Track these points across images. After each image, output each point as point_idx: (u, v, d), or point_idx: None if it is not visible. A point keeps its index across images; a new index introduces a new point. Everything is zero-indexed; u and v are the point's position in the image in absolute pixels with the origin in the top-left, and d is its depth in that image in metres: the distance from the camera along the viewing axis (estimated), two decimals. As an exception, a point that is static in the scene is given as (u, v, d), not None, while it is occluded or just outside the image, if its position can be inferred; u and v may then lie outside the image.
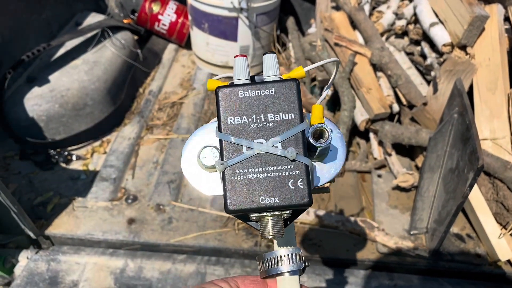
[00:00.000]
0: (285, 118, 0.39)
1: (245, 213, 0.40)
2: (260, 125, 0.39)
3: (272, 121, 0.39)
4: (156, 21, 2.12)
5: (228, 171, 0.39)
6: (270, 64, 0.41)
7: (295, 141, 0.39)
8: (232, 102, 0.39)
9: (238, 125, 0.39)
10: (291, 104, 0.39)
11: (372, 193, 1.49)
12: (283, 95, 0.39)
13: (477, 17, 1.37)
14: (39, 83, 1.59)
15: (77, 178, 1.50)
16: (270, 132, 0.39)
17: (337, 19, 1.79)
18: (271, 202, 0.39)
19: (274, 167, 0.39)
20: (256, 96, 0.39)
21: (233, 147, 0.39)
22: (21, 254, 1.30)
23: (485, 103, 1.41)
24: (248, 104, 0.39)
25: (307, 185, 0.39)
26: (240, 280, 0.44)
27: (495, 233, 1.28)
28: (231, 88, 0.39)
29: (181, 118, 1.78)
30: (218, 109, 0.39)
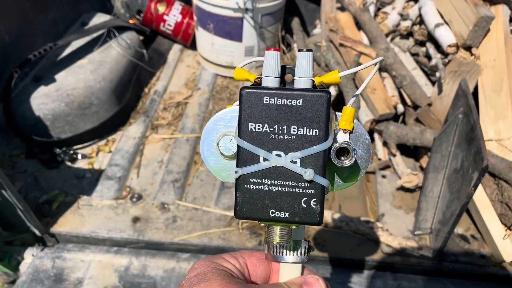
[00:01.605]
0: (309, 133, 0.37)
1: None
2: (281, 137, 0.37)
3: (295, 135, 0.37)
4: (161, 21, 2.13)
5: (242, 178, 0.38)
6: (304, 63, 0.38)
7: (315, 159, 0.37)
8: (256, 107, 0.37)
9: (258, 132, 0.37)
10: (318, 119, 0.37)
11: (377, 193, 1.49)
12: (311, 108, 0.37)
13: (483, 18, 1.37)
14: (46, 82, 1.60)
15: (83, 176, 1.51)
16: (291, 145, 0.37)
17: (342, 20, 1.79)
18: (280, 217, 0.39)
19: (289, 182, 0.38)
20: (282, 105, 0.37)
21: (250, 155, 0.38)
22: (27, 252, 1.31)
23: (490, 104, 1.41)
24: (272, 112, 0.37)
25: (320, 206, 0.38)
26: (247, 256, 0.45)
27: (499, 234, 1.28)
28: (256, 92, 0.37)
29: (186, 118, 1.79)
30: (240, 112, 0.37)
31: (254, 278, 0.44)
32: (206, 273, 0.40)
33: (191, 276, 0.40)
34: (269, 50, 0.38)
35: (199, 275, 0.40)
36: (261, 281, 0.45)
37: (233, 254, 0.44)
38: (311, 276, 0.43)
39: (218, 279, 0.39)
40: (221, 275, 0.39)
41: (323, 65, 1.73)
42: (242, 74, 0.40)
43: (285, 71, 0.40)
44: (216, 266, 0.41)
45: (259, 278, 0.45)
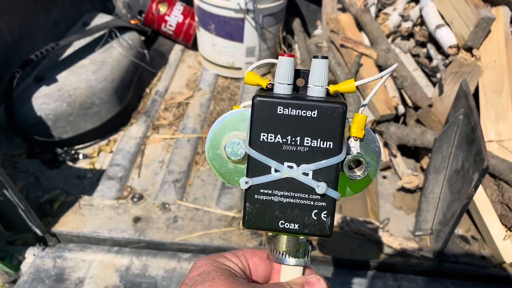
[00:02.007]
0: (323, 146, 0.36)
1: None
2: (293, 148, 0.36)
3: (308, 146, 0.36)
4: (163, 22, 2.13)
5: (252, 189, 0.37)
6: (319, 71, 0.36)
7: (328, 172, 0.36)
8: (269, 117, 0.36)
9: (270, 143, 0.36)
10: (332, 132, 0.36)
11: (377, 194, 1.49)
12: (326, 120, 0.35)
13: (483, 19, 1.37)
14: (47, 82, 1.61)
15: (84, 176, 1.51)
16: (303, 157, 0.36)
17: (343, 21, 1.79)
18: (290, 228, 0.38)
19: (300, 194, 0.37)
20: (296, 116, 0.35)
21: (260, 165, 0.37)
22: (28, 251, 1.31)
23: (491, 105, 1.41)
24: (285, 123, 0.36)
25: (331, 219, 0.38)
26: (249, 255, 0.45)
27: (500, 235, 1.28)
28: (270, 101, 0.35)
29: (187, 118, 1.80)
30: (252, 120, 0.36)
31: (256, 277, 0.45)
32: (210, 272, 0.40)
33: (194, 275, 0.40)
34: (283, 55, 0.36)
35: (203, 274, 0.40)
36: (262, 280, 0.45)
37: (235, 252, 0.44)
38: (312, 276, 0.43)
39: (222, 278, 0.39)
40: (224, 275, 0.39)
41: (324, 66, 1.73)
42: (253, 78, 0.38)
43: (298, 74, 0.38)
44: (219, 265, 0.41)
45: (260, 276, 0.45)
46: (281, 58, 0.36)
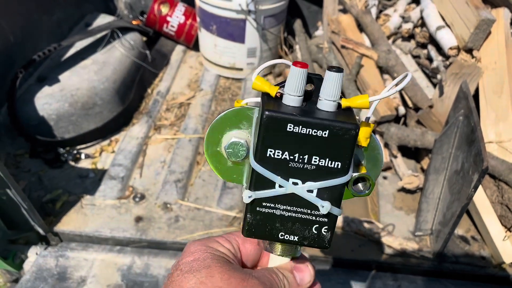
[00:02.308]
0: (330, 165, 0.35)
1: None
2: (300, 166, 0.35)
3: (315, 165, 0.35)
4: (164, 22, 2.14)
5: (254, 201, 0.37)
6: (333, 85, 0.34)
7: (332, 191, 0.36)
8: (278, 133, 0.34)
9: (277, 159, 0.35)
10: (342, 153, 0.35)
11: (378, 194, 1.49)
12: (337, 140, 0.34)
13: (484, 21, 1.37)
14: (50, 82, 1.62)
15: (86, 176, 1.52)
16: (309, 175, 0.35)
17: (344, 22, 1.80)
18: (289, 239, 0.38)
19: (303, 209, 0.37)
20: (306, 135, 0.34)
21: (265, 180, 0.36)
22: (30, 250, 1.32)
23: (491, 106, 1.42)
24: (295, 140, 0.34)
25: (331, 233, 0.38)
26: (240, 240, 0.45)
27: (499, 235, 1.28)
28: (280, 117, 0.34)
29: (188, 119, 1.80)
30: (260, 134, 0.35)
31: (246, 260, 0.45)
32: (205, 259, 0.40)
33: (189, 260, 0.41)
34: (296, 65, 0.34)
35: (198, 261, 0.40)
36: (251, 263, 0.46)
37: (227, 237, 0.45)
38: (300, 261, 0.44)
39: (217, 265, 0.39)
40: (220, 262, 0.40)
41: (325, 66, 1.74)
42: (261, 85, 0.36)
43: (308, 79, 0.37)
44: (214, 252, 0.42)
45: (250, 260, 0.46)
46: (294, 69, 0.34)
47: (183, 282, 0.39)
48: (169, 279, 0.41)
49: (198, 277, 0.38)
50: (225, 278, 0.38)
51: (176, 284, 0.39)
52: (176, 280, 0.39)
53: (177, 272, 0.40)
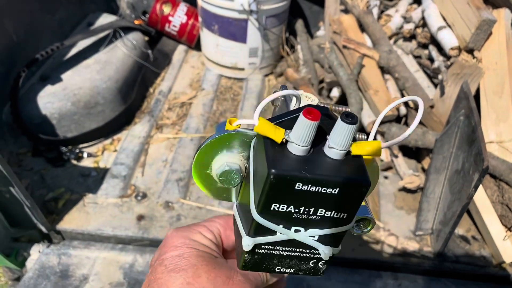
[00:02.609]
0: (336, 216, 0.34)
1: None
2: (305, 217, 0.34)
3: (321, 216, 0.34)
4: (166, 22, 2.15)
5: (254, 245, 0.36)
6: (344, 136, 0.32)
7: (335, 239, 0.35)
8: (284, 190, 0.32)
9: (281, 212, 0.33)
10: (350, 206, 0.33)
11: (378, 194, 1.50)
12: (346, 196, 0.33)
13: (485, 21, 1.38)
14: (52, 81, 1.63)
15: (88, 175, 1.53)
16: (313, 223, 0.34)
17: (345, 22, 1.81)
18: (285, 271, 0.38)
19: (302, 249, 0.36)
20: (314, 192, 0.32)
21: (266, 228, 0.34)
22: (33, 248, 1.33)
23: (492, 106, 1.42)
24: (302, 196, 0.32)
25: (327, 266, 0.37)
26: (222, 228, 0.45)
27: (500, 235, 1.29)
28: (288, 176, 0.31)
29: (190, 118, 1.81)
30: (264, 191, 0.32)
31: (226, 246, 0.46)
32: (190, 257, 0.40)
33: (174, 255, 0.40)
34: (307, 116, 0.31)
35: (183, 258, 0.40)
36: (233, 247, 0.46)
37: (208, 226, 0.44)
38: None
39: (203, 264, 0.39)
40: (206, 260, 0.40)
41: (326, 66, 1.75)
42: (267, 128, 0.33)
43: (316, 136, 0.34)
44: (198, 247, 0.41)
45: (230, 246, 0.46)
46: (304, 120, 0.31)
47: (169, 281, 0.39)
48: (154, 274, 0.40)
49: (184, 277, 0.38)
50: (212, 277, 0.39)
51: (161, 282, 0.39)
52: (162, 278, 0.39)
53: (161, 268, 0.40)
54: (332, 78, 1.70)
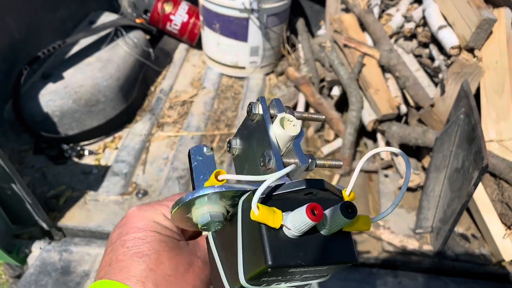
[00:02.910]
0: (317, 274, 0.35)
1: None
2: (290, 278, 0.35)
3: (304, 277, 0.35)
4: (168, 21, 2.15)
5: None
6: (340, 223, 0.32)
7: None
8: (278, 273, 0.33)
9: (270, 280, 0.34)
10: (332, 271, 0.35)
11: (379, 192, 1.50)
12: (333, 269, 0.34)
13: (485, 20, 1.38)
14: (54, 79, 1.63)
15: (89, 172, 1.54)
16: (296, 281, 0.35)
17: (346, 21, 1.81)
18: None
19: None
20: (306, 270, 0.33)
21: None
22: (34, 245, 1.33)
23: (492, 105, 1.43)
24: (293, 273, 0.33)
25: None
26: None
27: (499, 233, 1.29)
28: (284, 265, 0.32)
29: (191, 116, 1.82)
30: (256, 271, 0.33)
31: None
32: (153, 241, 0.40)
33: (136, 237, 0.40)
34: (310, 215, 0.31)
35: (145, 242, 0.40)
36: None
37: (170, 205, 0.42)
38: None
39: (166, 251, 0.40)
40: (168, 246, 0.40)
41: (327, 65, 1.75)
42: (264, 216, 0.32)
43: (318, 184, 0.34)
44: (160, 230, 0.41)
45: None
46: (306, 219, 0.31)
47: (131, 266, 0.39)
48: (115, 254, 0.40)
49: (147, 262, 0.39)
50: (173, 264, 0.39)
51: (123, 265, 0.39)
52: (124, 260, 0.39)
53: (123, 250, 0.40)
54: (333, 77, 1.71)
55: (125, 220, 0.42)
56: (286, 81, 2.04)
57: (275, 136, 0.37)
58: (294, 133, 0.36)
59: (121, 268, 0.38)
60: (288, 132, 0.36)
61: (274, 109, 0.38)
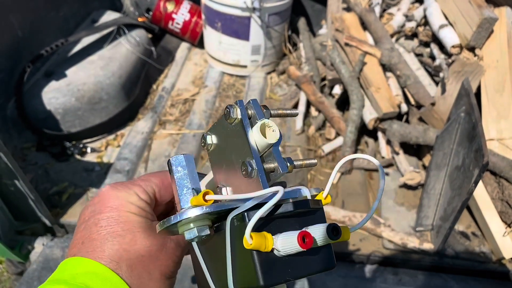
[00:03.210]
0: None
1: None
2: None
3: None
4: (170, 20, 2.16)
5: None
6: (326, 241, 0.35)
7: None
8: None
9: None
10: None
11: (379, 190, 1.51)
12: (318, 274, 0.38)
13: (486, 19, 1.39)
14: (57, 77, 1.64)
15: (92, 169, 1.54)
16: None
17: (348, 20, 1.82)
18: None
19: None
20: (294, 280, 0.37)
21: None
22: (37, 241, 1.34)
23: (493, 104, 1.44)
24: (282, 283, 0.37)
25: None
26: (157, 187, 0.45)
27: (500, 231, 1.30)
28: (275, 283, 0.34)
29: (193, 114, 1.82)
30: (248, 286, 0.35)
31: (159, 203, 0.46)
32: (127, 222, 0.40)
33: (109, 217, 0.40)
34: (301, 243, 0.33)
35: (119, 222, 0.40)
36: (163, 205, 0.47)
37: (144, 186, 0.44)
38: None
39: (139, 231, 0.40)
40: (142, 226, 0.40)
41: (328, 64, 1.76)
42: (257, 243, 0.33)
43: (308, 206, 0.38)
44: (134, 211, 0.41)
45: (163, 202, 0.46)
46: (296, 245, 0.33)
47: (105, 245, 0.39)
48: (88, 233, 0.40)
49: (121, 243, 0.39)
50: (147, 245, 0.40)
51: (97, 244, 0.39)
52: (97, 239, 0.39)
53: (96, 228, 0.40)
54: (334, 76, 1.71)
55: (99, 199, 0.42)
56: (287, 79, 2.05)
57: (255, 143, 0.37)
58: (274, 140, 0.37)
59: (94, 247, 0.39)
60: (268, 140, 0.37)
61: (251, 110, 0.38)
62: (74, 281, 0.36)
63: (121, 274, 0.38)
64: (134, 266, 0.39)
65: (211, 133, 0.42)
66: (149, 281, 0.40)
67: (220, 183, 0.41)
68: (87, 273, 0.37)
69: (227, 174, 0.40)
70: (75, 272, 0.38)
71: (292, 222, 0.37)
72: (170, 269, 0.42)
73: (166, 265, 0.41)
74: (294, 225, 0.37)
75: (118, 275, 0.38)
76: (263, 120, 0.37)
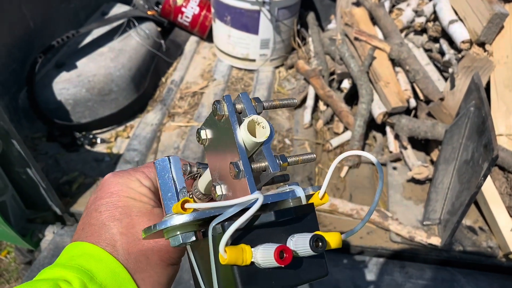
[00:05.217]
0: None
1: None
2: None
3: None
4: (179, 13, 2.17)
5: None
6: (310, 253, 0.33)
7: None
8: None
9: None
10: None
11: (387, 184, 1.52)
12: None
13: (497, 15, 1.39)
14: (67, 68, 1.66)
15: (101, 160, 1.56)
16: None
17: (357, 15, 1.82)
18: None
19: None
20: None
21: None
22: (47, 229, 1.36)
23: (502, 99, 1.44)
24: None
25: None
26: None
27: (507, 226, 1.30)
28: None
29: (201, 107, 1.84)
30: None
31: None
32: (126, 207, 0.40)
33: (108, 202, 0.41)
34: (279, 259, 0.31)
35: (118, 206, 0.40)
36: None
37: (147, 172, 0.44)
38: None
39: (137, 216, 0.40)
40: (141, 211, 0.41)
41: (337, 58, 1.76)
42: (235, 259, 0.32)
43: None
44: (133, 196, 0.42)
45: None
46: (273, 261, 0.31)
47: (103, 229, 0.39)
48: (88, 218, 0.40)
49: (118, 227, 0.39)
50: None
51: (95, 229, 0.40)
52: (96, 224, 0.40)
53: (96, 214, 0.40)
54: (343, 70, 1.72)
55: (100, 186, 0.43)
56: (296, 74, 2.05)
57: (243, 142, 0.35)
58: (263, 138, 0.35)
59: (92, 232, 0.39)
60: (257, 139, 0.35)
61: (241, 104, 0.36)
62: (70, 263, 0.37)
63: (117, 257, 0.38)
64: (131, 250, 0.39)
65: (205, 127, 0.40)
66: (147, 266, 0.40)
67: (216, 180, 0.39)
68: (83, 255, 0.38)
69: (221, 171, 0.38)
70: (71, 255, 0.38)
71: (278, 231, 0.34)
72: (171, 255, 0.41)
73: (166, 251, 0.40)
74: (279, 234, 0.34)
75: (114, 257, 0.38)
76: (251, 116, 0.35)
